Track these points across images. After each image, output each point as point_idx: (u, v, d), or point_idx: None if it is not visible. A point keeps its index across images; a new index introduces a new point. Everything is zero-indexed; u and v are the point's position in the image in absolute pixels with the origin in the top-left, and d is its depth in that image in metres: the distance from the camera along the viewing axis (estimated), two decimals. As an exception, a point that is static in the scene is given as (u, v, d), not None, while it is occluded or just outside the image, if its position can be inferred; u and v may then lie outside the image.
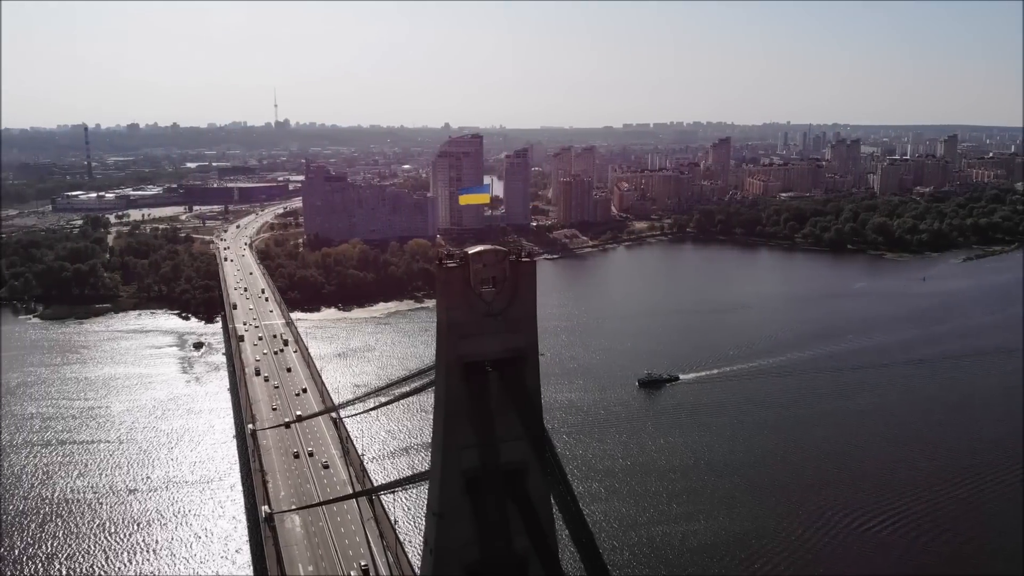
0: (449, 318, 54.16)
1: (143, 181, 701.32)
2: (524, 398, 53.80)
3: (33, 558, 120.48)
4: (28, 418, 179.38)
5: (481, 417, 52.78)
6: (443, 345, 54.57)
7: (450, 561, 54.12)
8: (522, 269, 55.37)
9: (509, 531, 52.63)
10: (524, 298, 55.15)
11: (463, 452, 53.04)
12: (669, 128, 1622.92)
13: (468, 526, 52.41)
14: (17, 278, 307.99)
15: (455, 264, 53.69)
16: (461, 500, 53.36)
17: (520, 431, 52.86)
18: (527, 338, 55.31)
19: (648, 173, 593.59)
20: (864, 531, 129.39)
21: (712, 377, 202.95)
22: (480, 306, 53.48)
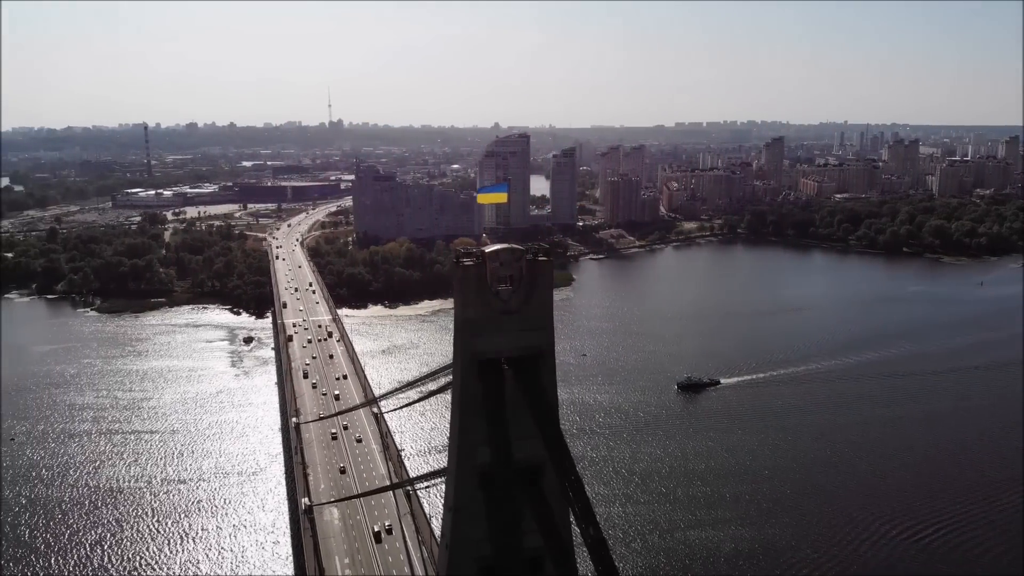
0: (465, 315, 54.57)
1: (200, 179, 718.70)
2: (540, 396, 53.87)
3: (79, 545, 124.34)
4: (81, 408, 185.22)
5: (495, 414, 53.07)
6: (459, 342, 55.05)
7: (464, 556, 54.52)
8: (539, 268, 55.47)
9: (522, 529, 52.81)
10: (541, 297, 55.25)
11: (477, 448, 53.40)
12: (722, 127, 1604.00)
13: (482, 522, 52.78)
14: (76, 272, 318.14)
15: (472, 262, 54.12)
16: (475, 496, 53.72)
17: (535, 429, 53.01)
18: (543, 336, 55.38)
19: (699, 173, 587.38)
20: (912, 541, 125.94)
21: (756, 382, 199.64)
22: (496, 304, 53.77)
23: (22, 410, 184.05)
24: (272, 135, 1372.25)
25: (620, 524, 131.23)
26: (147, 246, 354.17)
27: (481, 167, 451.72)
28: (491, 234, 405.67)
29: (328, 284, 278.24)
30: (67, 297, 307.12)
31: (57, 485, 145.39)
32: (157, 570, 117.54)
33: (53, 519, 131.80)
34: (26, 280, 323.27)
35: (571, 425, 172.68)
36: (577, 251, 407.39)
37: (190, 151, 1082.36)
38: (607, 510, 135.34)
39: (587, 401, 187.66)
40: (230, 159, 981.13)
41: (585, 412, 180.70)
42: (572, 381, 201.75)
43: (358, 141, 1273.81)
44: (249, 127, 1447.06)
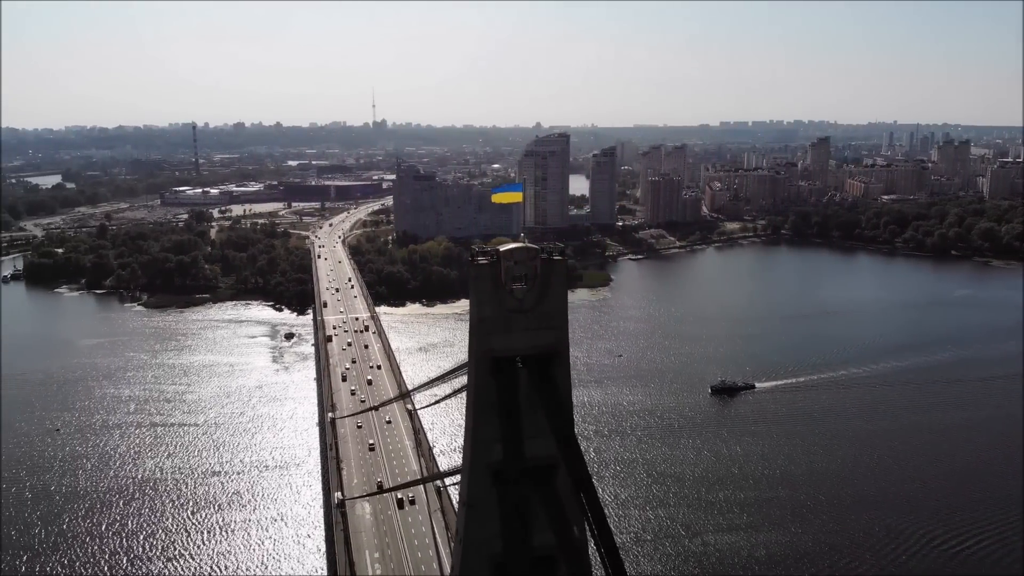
0: (479, 314, 54.87)
1: (246, 178, 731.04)
2: (553, 395, 53.87)
3: (117, 534, 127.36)
4: (124, 401, 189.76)
5: (508, 411, 53.21)
6: (474, 340, 55.40)
7: (476, 552, 54.79)
8: (553, 267, 55.49)
9: (533, 527, 52.87)
10: (555, 296, 55.27)
11: (490, 446, 53.59)
12: (769, 127, 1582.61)
13: (494, 519, 52.97)
14: (124, 268, 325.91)
15: (486, 261, 54.38)
16: (488, 492, 53.94)
17: (548, 428, 53.04)
18: (557, 335, 55.37)
19: (742, 172, 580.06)
20: (952, 550, 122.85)
21: (792, 386, 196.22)
22: (510, 303, 53.94)
23: (68, 402, 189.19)
24: (317, 135, 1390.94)
25: (651, 526, 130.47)
26: (193, 243, 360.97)
27: (520, 167, 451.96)
28: (529, 233, 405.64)
29: (367, 282, 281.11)
30: (115, 292, 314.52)
31: (98, 475, 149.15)
32: (192, 561, 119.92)
33: (93, 509, 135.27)
34: (76, 275, 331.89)
35: (603, 426, 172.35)
36: (616, 251, 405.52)
37: (237, 150, 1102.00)
38: (639, 512, 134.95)
39: (620, 402, 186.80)
40: (276, 158, 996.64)
41: (618, 413, 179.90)
42: (606, 382, 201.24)
43: (401, 141, 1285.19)
44: (295, 127, 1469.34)
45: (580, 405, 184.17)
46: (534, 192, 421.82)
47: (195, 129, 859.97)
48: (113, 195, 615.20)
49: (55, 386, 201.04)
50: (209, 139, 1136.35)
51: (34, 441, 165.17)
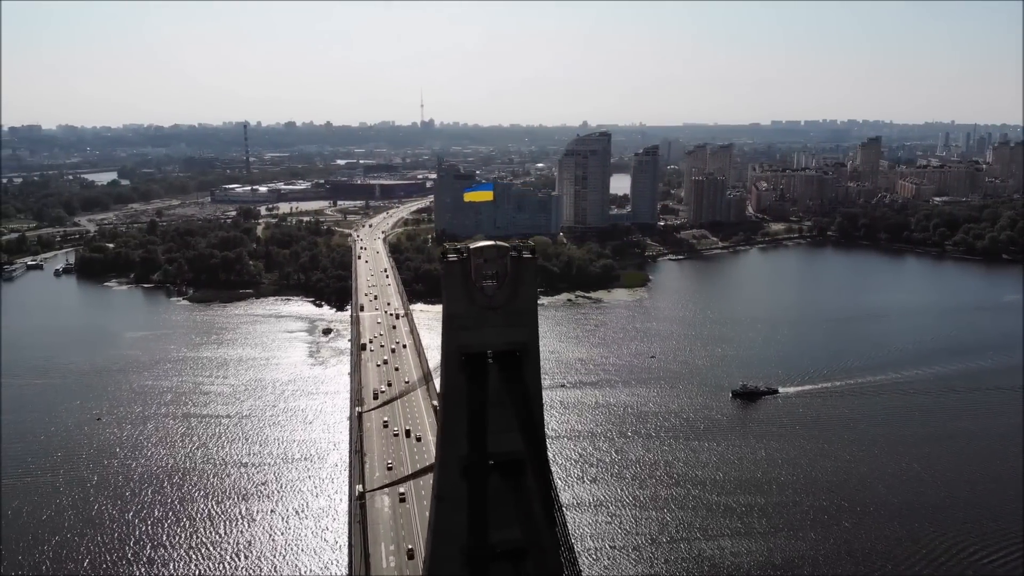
0: (450, 310, 55.63)
1: (295, 176, 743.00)
2: (522, 391, 54.38)
3: (144, 520, 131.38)
4: (162, 392, 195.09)
5: (476, 406, 53.85)
6: (445, 336, 56.13)
7: (447, 544, 55.59)
8: (524, 265, 55.89)
9: (501, 520, 53.42)
10: (525, 294, 55.69)
11: (459, 440, 54.31)
12: (821, 126, 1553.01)
13: (463, 511, 53.72)
14: (171, 263, 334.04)
15: (456, 258, 55.01)
16: (457, 485, 54.70)
17: (517, 424, 53.61)
18: (527, 333, 55.83)
19: (789, 172, 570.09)
20: (980, 563, 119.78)
21: (820, 391, 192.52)
22: (481, 299, 54.53)
23: (110, 391, 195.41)
24: (366, 134, 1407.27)
25: (668, 528, 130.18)
26: (239, 239, 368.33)
27: (560, 166, 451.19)
28: (568, 233, 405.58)
29: (405, 279, 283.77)
30: (162, 286, 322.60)
31: (131, 463, 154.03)
32: (213, 550, 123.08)
33: (122, 495, 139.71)
34: (125, 269, 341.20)
35: (627, 427, 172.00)
36: (656, 251, 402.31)
37: (287, 149, 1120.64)
38: (656, 514, 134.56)
39: (646, 404, 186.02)
40: (325, 157, 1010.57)
41: (642, 414, 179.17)
42: (634, 383, 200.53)
43: (447, 140, 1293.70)
44: (344, 126, 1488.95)
45: (606, 406, 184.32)
46: (574, 191, 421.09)
47: (246, 128, 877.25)
48: (165, 192, 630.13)
49: (100, 376, 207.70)
50: (261, 138, 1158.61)
51: (76, 429, 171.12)
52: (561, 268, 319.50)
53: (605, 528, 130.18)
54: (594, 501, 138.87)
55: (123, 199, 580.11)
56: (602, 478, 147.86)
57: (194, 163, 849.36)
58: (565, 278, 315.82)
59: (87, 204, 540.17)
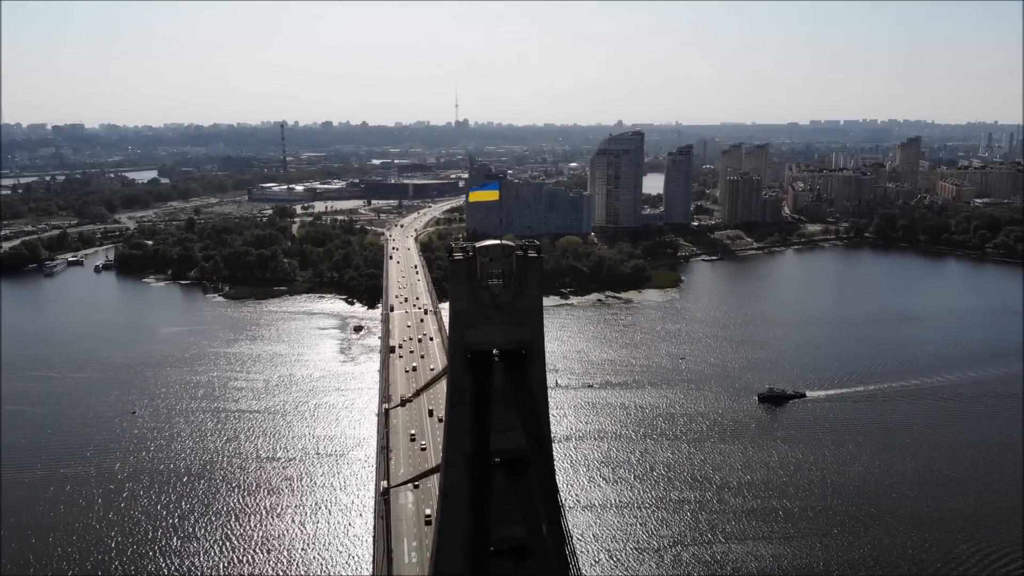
0: (455, 307, 56.15)
1: (330, 176, 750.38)
2: (527, 389, 54.64)
3: (172, 514, 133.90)
4: (195, 386, 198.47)
5: (480, 404, 54.22)
6: (451, 333, 56.61)
7: (451, 541, 56.06)
8: (529, 264, 56.13)
9: (505, 518, 53.69)
10: (530, 293, 55.88)
11: (464, 437, 54.73)
12: (861, 126, 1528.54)
13: (467, 508, 54.14)
14: (208, 260, 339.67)
15: (462, 257, 55.45)
16: (461, 483, 55.12)
17: (521, 422, 53.92)
18: (532, 331, 56.01)
19: (827, 173, 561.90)
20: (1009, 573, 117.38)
21: (849, 395, 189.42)
22: (486, 298, 54.88)
23: (146, 386, 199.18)
24: (401, 134, 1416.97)
25: (691, 531, 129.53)
26: (274, 237, 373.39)
27: (592, 165, 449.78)
28: (600, 233, 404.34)
29: (435, 278, 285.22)
30: (199, 283, 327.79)
31: (162, 456, 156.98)
32: (238, 543, 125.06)
33: (152, 489, 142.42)
34: (163, 266, 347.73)
35: (652, 429, 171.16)
36: (689, 252, 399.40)
37: (324, 149, 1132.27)
38: (678, 516, 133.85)
39: (673, 406, 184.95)
40: (360, 157, 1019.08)
41: (669, 416, 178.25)
42: (662, 385, 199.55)
43: (481, 140, 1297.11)
44: (380, 126, 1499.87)
45: (632, 407, 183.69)
46: (606, 191, 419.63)
47: (283, 128, 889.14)
48: (204, 190, 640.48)
49: (136, 370, 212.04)
50: (298, 138, 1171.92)
51: (111, 422, 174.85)
52: (591, 268, 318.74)
53: (629, 529, 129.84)
54: (618, 502, 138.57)
55: (162, 197, 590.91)
56: (625, 479, 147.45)
57: (232, 162, 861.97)
58: (595, 278, 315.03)
59: (127, 202, 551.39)
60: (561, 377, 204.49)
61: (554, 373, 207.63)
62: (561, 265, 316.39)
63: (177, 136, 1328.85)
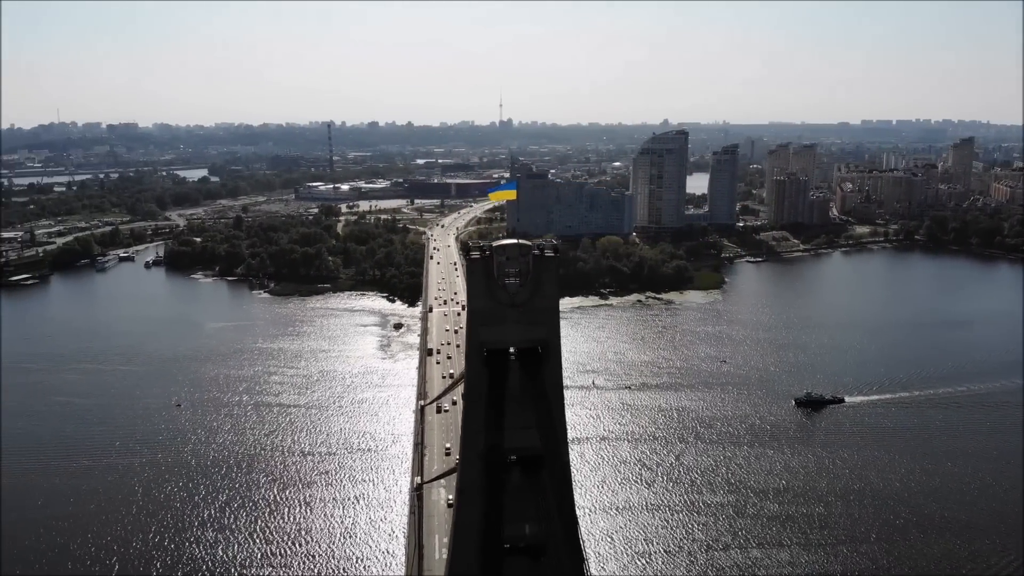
0: (473, 306, 56.38)
1: (375, 175, 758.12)
2: (542, 388, 54.71)
3: (209, 504, 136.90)
4: (238, 380, 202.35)
5: (494, 402, 54.42)
6: (468, 331, 56.95)
7: (468, 537, 56.39)
8: (545, 264, 56.11)
9: (520, 515, 53.83)
10: (546, 292, 55.85)
11: (479, 434, 54.98)
12: (914, 126, 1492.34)
13: (482, 505, 54.42)
14: (254, 257, 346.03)
15: (479, 256, 55.63)
16: (477, 479, 55.41)
17: (536, 420, 54.05)
18: (548, 330, 56.00)
19: (876, 174, 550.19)
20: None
21: (891, 401, 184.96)
22: (503, 296, 55.02)
23: (190, 379, 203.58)
24: (446, 134, 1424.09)
25: (724, 535, 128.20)
26: (319, 236, 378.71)
27: (635, 164, 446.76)
28: (642, 233, 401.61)
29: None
30: (245, 279, 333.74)
31: (203, 448, 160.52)
32: (273, 535, 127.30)
33: (192, 479, 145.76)
34: (211, 263, 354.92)
35: (688, 432, 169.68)
36: (733, 253, 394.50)
37: (370, 148, 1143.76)
38: (712, 520, 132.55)
39: (710, 408, 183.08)
40: (405, 157, 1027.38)
41: (705, 419, 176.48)
42: (698, 387, 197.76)
43: (525, 140, 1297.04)
44: (425, 126, 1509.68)
45: (668, 409, 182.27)
46: (648, 190, 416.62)
47: (330, 128, 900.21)
48: (252, 189, 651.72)
49: (181, 364, 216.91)
50: (345, 138, 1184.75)
51: (155, 414, 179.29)
52: (632, 268, 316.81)
53: (661, 532, 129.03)
54: (650, 505, 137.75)
55: (212, 195, 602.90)
56: (658, 482, 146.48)
57: (280, 161, 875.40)
58: (636, 279, 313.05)
59: (178, 199, 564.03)
60: (598, 378, 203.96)
61: (591, 374, 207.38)
62: (601, 265, 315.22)
63: (228, 135, 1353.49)
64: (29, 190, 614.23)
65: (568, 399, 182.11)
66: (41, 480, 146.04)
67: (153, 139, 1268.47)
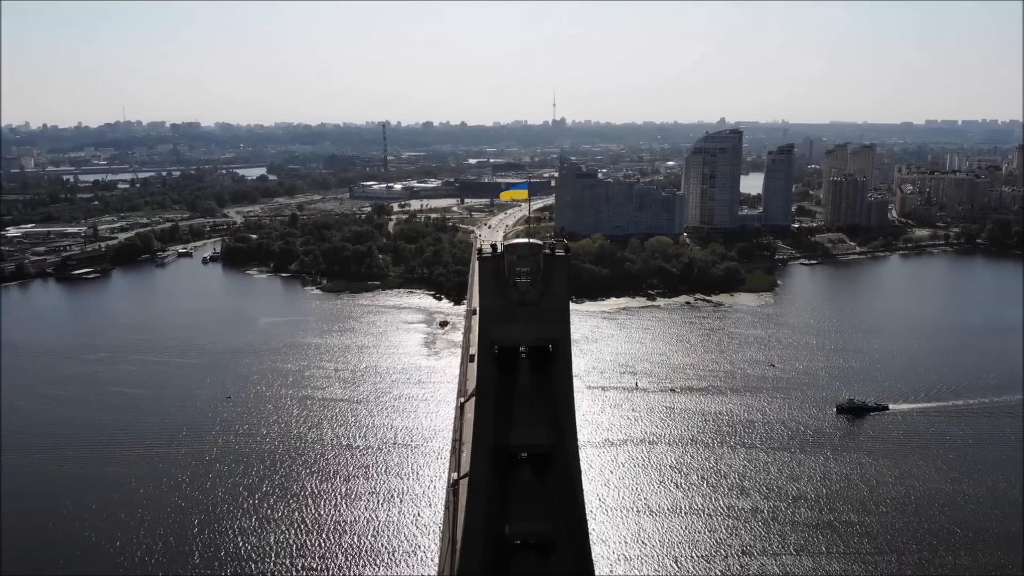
0: (483, 304, 57.04)
1: (428, 175, 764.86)
2: (552, 386, 55.20)
3: (252, 495, 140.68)
4: (286, 374, 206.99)
5: (503, 399, 55.05)
6: (479, 329, 57.65)
7: (475, 532, 57.14)
8: (556, 263, 56.48)
9: (527, 513, 54.42)
10: (557, 291, 56.18)
11: (488, 431, 55.69)
12: (980, 126, 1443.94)
13: (492, 501, 55.15)
14: (307, 254, 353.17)
15: (490, 254, 56.37)
16: (485, 476, 56.11)
17: (545, 418, 54.60)
18: (558, 329, 56.29)
19: (937, 175, 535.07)
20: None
21: (940, 410, 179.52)
22: (513, 296, 55.56)
23: (242, 372, 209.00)
24: (499, 134, 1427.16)
25: (759, 542, 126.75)
26: (370, 234, 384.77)
27: (687, 164, 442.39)
28: (693, 233, 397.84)
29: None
30: (298, 276, 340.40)
31: (248, 439, 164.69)
32: (311, 526, 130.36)
33: (236, 470, 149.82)
34: (266, 259, 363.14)
35: (728, 437, 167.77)
36: (787, 255, 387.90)
37: (424, 148, 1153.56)
38: (747, 525, 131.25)
39: (751, 413, 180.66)
40: (458, 156, 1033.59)
41: (748, 424, 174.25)
42: (743, 392, 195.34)
43: (578, 139, 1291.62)
44: (478, 126, 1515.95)
45: (710, 413, 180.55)
46: (700, 190, 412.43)
47: (385, 128, 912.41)
48: (308, 187, 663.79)
49: (233, 357, 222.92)
50: (400, 138, 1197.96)
51: (205, 406, 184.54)
52: (680, 269, 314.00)
53: (696, 536, 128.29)
54: (689, 509, 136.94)
55: (269, 193, 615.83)
56: (695, 486, 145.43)
57: (336, 160, 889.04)
58: (685, 280, 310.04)
59: (236, 197, 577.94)
60: (642, 380, 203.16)
61: (634, 376, 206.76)
62: (649, 266, 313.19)
63: (286, 135, 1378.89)
64: (94, 187, 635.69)
65: (609, 401, 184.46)
66: (95, 468, 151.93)
67: (215, 138, 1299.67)
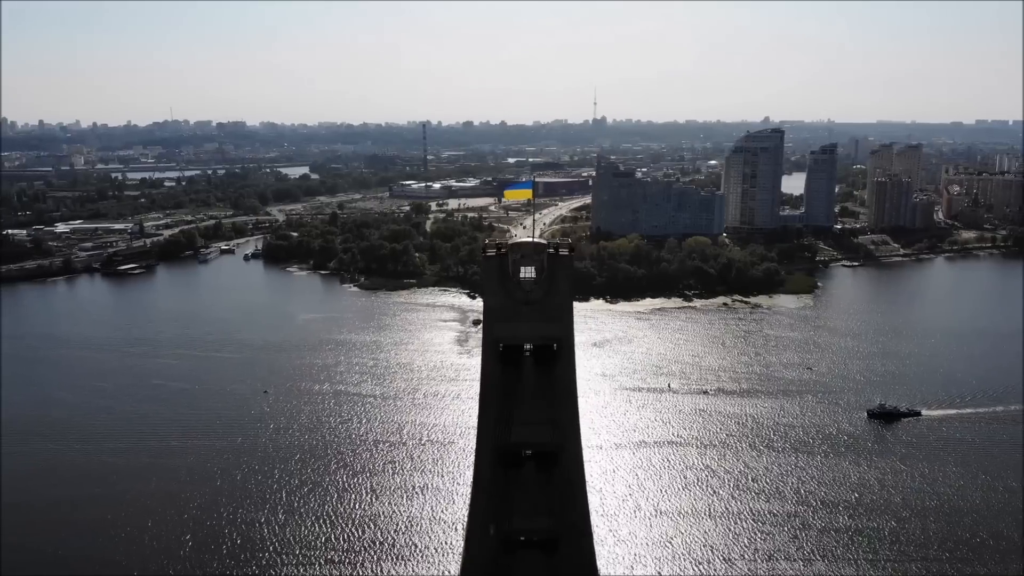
0: (489, 303, 57.66)
1: (467, 174, 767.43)
2: (556, 384, 55.49)
3: (281, 489, 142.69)
4: (320, 369, 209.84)
5: (510, 396, 55.50)
6: (484, 328, 58.20)
7: (479, 530, 57.64)
8: (560, 262, 56.83)
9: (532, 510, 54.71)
10: (560, 290, 56.53)
11: (493, 428, 56.13)
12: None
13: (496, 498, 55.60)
14: (346, 252, 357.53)
15: (495, 254, 56.85)
16: (491, 473, 56.58)
17: (549, 416, 54.95)
18: (562, 328, 56.67)
19: (986, 176, 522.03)
20: None
21: (975, 417, 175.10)
22: (518, 294, 56.06)
23: (279, 367, 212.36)
24: (539, 133, 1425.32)
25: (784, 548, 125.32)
26: (407, 232, 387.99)
27: (728, 163, 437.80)
28: (732, 234, 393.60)
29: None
30: (337, 273, 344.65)
31: (279, 434, 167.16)
32: (339, 520, 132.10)
33: (267, 464, 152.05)
34: (306, 256, 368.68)
35: (759, 441, 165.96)
36: (828, 256, 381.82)
37: (464, 148, 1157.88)
38: (775, 529, 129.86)
39: (785, 417, 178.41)
40: (497, 156, 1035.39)
41: (778, 427, 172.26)
42: (777, 395, 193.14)
43: (619, 138, 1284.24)
44: (518, 125, 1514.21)
45: (743, 416, 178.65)
46: (741, 190, 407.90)
47: (425, 127, 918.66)
48: (350, 186, 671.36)
49: (271, 352, 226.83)
50: (440, 137, 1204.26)
51: (242, 400, 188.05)
52: (718, 270, 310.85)
53: (723, 539, 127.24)
54: (716, 512, 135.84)
55: (311, 192, 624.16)
56: (724, 489, 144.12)
57: (377, 160, 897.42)
58: (723, 281, 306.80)
59: (279, 195, 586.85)
60: (674, 381, 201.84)
61: (667, 377, 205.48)
62: (686, 266, 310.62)
63: (329, 134, 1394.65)
64: (141, 184, 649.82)
65: (640, 402, 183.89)
66: (132, 458, 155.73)
67: (259, 137, 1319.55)
